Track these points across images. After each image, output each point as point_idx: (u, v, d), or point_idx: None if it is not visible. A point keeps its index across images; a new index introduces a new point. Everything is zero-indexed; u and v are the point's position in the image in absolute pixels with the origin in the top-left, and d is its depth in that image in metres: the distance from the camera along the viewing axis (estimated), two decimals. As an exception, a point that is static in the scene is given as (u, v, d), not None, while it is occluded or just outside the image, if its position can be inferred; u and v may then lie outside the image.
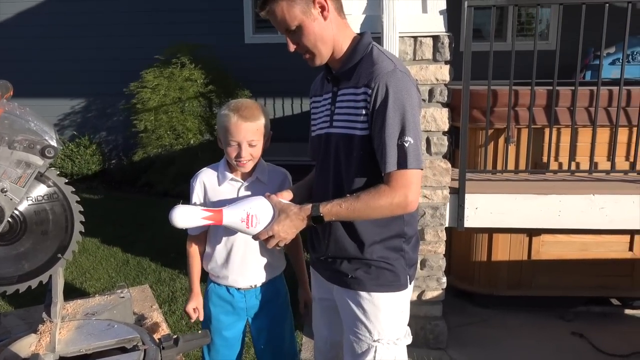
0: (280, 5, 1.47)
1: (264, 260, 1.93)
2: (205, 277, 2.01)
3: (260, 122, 1.80)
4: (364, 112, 1.49)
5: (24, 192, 1.12)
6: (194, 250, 1.98)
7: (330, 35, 1.53)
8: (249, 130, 1.77)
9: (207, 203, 1.87)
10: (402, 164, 1.45)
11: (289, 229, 1.54)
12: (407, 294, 1.68)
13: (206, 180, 1.88)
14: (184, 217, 1.54)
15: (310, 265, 1.85)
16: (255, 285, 1.93)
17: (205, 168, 1.93)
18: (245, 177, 1.87)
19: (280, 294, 2.02)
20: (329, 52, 1.55)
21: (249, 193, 1.83)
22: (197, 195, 1.88)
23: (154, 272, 4.07)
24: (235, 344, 2.00)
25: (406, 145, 1.45)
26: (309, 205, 1.53)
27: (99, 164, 7.09)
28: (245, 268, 1.91)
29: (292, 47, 1.55)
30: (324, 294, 1.78)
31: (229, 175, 1.85)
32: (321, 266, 1.74)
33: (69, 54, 7.06)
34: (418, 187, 1.50)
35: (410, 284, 1.67)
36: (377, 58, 1.52)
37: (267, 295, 1.96)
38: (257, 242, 1.82)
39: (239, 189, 1.85)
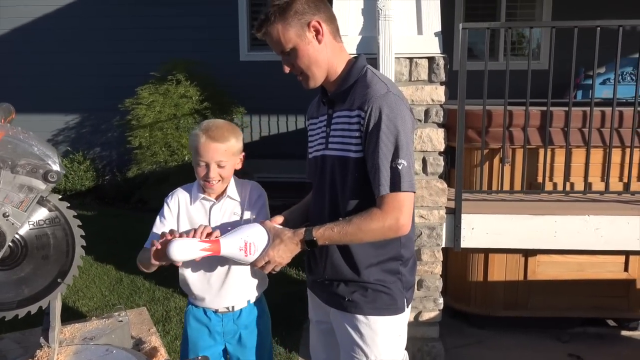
0: (276, 28, 1.51)
1: (244, 282, 1.86)
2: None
3: (230, 143, 1.77)
4: (357, 134, 1.51)
5: (26, 216, 1.11)
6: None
7: (324, 59, 1.55)
8: (217, 151, 1.74)
9: (178, 222, 1.83)
10: (395, 186, 1.46)
11: (284, 254, 1.55)
12: (405, 318, 1.67)
13: (181, 199, 1.86)
14: (182, 250, 1.53)
15: (307, 287, 1.84)
16: (234, 308, 1.86)
17: (180, 187, 1.90)
18: (216, 195, 1.84)
19: (262, 319, 1.93)
20: (322, 74, 1.58)
21: (220, 212, 1.82)
22: (168, 212, 1.83)
23: (147, 290, 4.03)
24: None
25: (399, 167, 1.46)
26: (302, 229, 1.54)
27: (92, 180, 7.06)
28: (224, 290, 1.84)
29: (286, 69, 1.59)
30: (321, 316, 1.77)
31: (200, 195, 1.83)
32: (318, 288, 1.73)
33: (64, 70, 7.07)
34: (410, 210, 1.50)
35: (407, 307, 1.67)
36: (371, 81, 1.54)
37: (246, 319, 1.89)
38: (229, 260, 1.76)
39: (210, 208, 1.82)
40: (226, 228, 1.77)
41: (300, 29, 1.51)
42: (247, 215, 1.84)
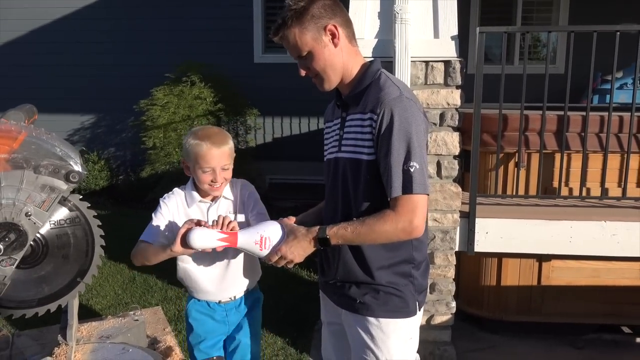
0: (293, 32, 1.53)
1: (243, 272, 1.96)
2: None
3: (230, 146, 1.87)
4: (369, 137, 1.52)
5: (47, 216, 1.13)
6: (147, 244, 1.85)
7: (339, 62, 1.57)
8: (223, 155, 1.82)
9: (172, 224, 1.88)
10: (408, 188, 1.46)
11: (296, 250, 1.55)
12: (417, 321, 1.67)
13: (178, 201, 1.92)
14: (201, 239, 1.57)
15: (319, 289, 1.85)
16: (235, 297, 1.97)
17: (176, 189, 1.96)
18: (212, 197, 1.91)
19: (259, 303, 2.09)
20: (337, 77, 1.59)
21: (216, 212, 1.88)
22: (161, 215, 1.87)
23: (160, 290, 4.06)
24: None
25: (412, 170, 1.46)
26: (316, 228, 1.55)
27: (106, 180, 7.13)
28: (226, 282, 1.94)
29: (302, 72, 1.61)
30: (333, 318, 1.78)
31: (197, 197, 1.90)
32: (330, 290, 1.74)
33: (80, 71, 7.15)
34: (424, 212, 1.50)
35: (419, 310, 1.66)
36: (384, 84, 1.54)
37: (247, 305, 2.02)
38: (238, 255, 1.89)
39: (207, 210, 1.90)
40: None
41: (317, 32, 1.52)
42: (241, 213, 1.92)
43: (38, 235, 1.15)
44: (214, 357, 1.33)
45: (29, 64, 7.21)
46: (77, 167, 1.12)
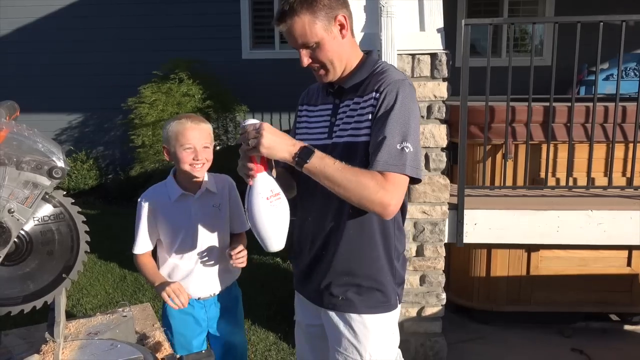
0: (302, 21, 1.45)
1: (222, 268, 1.98)
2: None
3: (209, 127, 1.93)
4: (370, 117, 1.48)
5: (31, 212, 1.12)
6: (145, 257, 1.97)
7: (345, 53, 1.54)
8: (202, 133, 1.87)
9: (157, 222, 1.91)
10: (399, 167, 1.41)
11: (274, 135, 1.37)
12: (396, 315, 1.65)
13: (157, 198, 1.93)
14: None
15: (295, 289, 1.79)
16: (214, 294, 2.00)
17: (152, 187, 1.98)
18: (195, 190, 1.93)
19: (238, 300, 2.12)
20: (341, 69, 1.55)
21: (200, 205, 1.91)
22: (144, 215, 1.91)
23: (151, 288, 4.02)
24: None
25: (407, 150, 1.42)
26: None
27: (95, 179, 7.08)
28: (206, 277, 1.96)
29: (306, 62, 1.53)
30: (311, 320, 1.73)
31: (180, 190, 1.91)
32: (308, 288, 1.68)
33: (67, 70, 7.09)
34: (403, 195, 1.45)
35: (399, 303, 1.65)
36: (387, 69, 1.53)
37: (226, 302, 2.03)
38: (214, 250, 1.92)
39: (192, 203, 1.92)
40: (209, 222, 1.92)
41: (328, 23, 1.48)
42: (226, 206, 1.96)
43: (22, 232, 1.14)
44: (203, 351, 1.33)
45: (14, 63, 7.13)
46: (60, 163, 1.11)
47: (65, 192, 1.21)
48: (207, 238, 1.95)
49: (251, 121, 1.40)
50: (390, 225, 1.57)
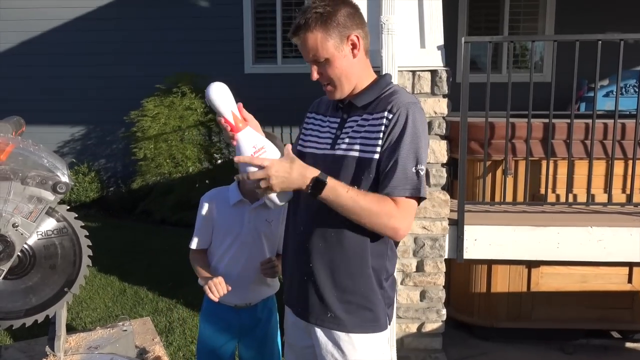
0: (315, 36, 1.49)
1: (261, 279, 2.00)
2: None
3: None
4: (381, 135, 1.50)
5: (35, 226, 1.13)
6: (198, 253, 2.03)
7: (355, 73, 1.55)
8: None
9: (214, 223, 1.96)
10: (416, 190, 1.46)
11: (283, 173, 1.39)
12: (386, 336, 1.64)
13: (217, 199, 1.99)
14: (220, 94, 1.46)
15: (284, 303, 1.77)
16: (250, 304, 2.01)
17: (215, 188, 2.05)
18: (253, 200, 1.96)
19: (273, 314, 2.11)
20: (350, 88, 1.57)
21: (255, 215, 1.95)
22: (203, 213, 1.97)
23: (151, 301, 4.04)
24: None
25: (421, 173, 1.47)
26: (318, 170, 1.44)
27: (97, 192, 7.10)
28: (244, 286, 1.97)
29: (315, 77, 1.56)
30: (301, 340, 1.72)
31: (239, 196, 1.96)
32: (297, 302, 1.67)
33: (70, 82, 7.14)
34: (413, 218, 1.51)
35: (389, 324, 1.64)
36: (398, 91, 1.56)
37: (261, 314, 2.05)
38: (256, 261, 1.93)
39: (247, 211, 1.96)
40: (259, 234, 1.95)
41: (339, 41, 1.50)
42: (278, 224, 1.98)
43: (25, 246, 1.15)
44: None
45: (18, 76, 7.19)
46: (65, 178, 1.13)
47: (68, 207, 1.22)
48: (253, 248, 1.97)
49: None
50: (383, 245, 1.58)
